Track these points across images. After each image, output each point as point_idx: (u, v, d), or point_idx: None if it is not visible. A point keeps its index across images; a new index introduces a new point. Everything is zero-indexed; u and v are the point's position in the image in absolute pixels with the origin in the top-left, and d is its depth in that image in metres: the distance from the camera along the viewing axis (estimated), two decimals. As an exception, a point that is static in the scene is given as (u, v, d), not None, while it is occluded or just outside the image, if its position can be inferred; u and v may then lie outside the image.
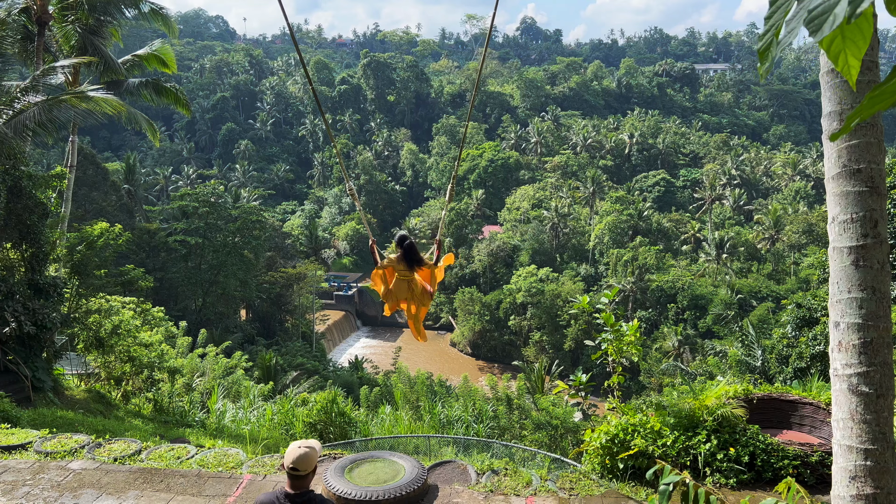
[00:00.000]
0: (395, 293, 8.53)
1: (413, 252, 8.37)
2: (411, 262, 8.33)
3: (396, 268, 8.31)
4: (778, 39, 1.80)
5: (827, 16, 1.54)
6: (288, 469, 4.14)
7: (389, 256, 8.39)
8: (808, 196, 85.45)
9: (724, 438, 7.01)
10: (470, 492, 6.70)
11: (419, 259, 8.47)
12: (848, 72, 1.67)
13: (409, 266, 8.28)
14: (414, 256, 8.35)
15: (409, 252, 8.33)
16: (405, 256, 8.29)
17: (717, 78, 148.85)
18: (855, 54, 1.62)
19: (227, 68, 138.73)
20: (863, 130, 3.76)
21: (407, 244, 8.29)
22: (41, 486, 6.51)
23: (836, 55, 1.64)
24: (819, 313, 20.15)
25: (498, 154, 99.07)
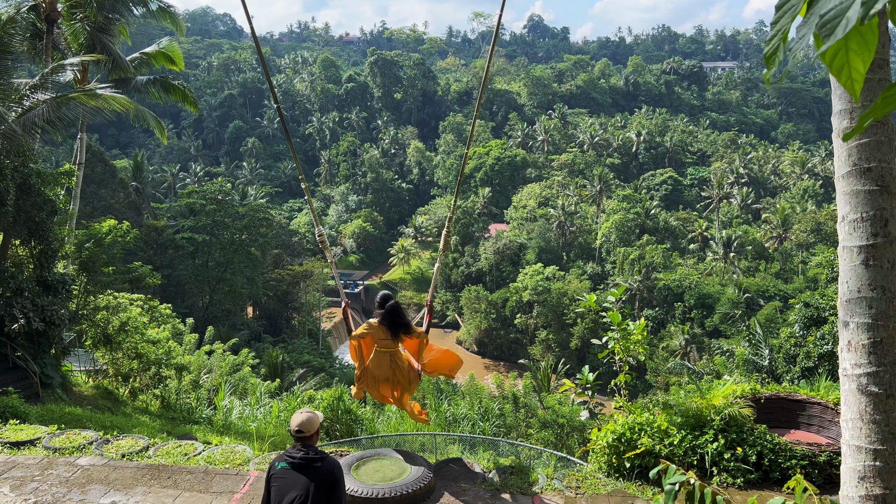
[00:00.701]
0: (374, 372, 6.98)
1: (398, 315, 6.98)
2: (396, 327, 6.94)
3: (377, 336, 6.93)
4: (786, 45, 1.78)
5: (839, 20, 1.51)
6: (294, 432, 4.61)
7: (369, 322, 6.99)
8: (817, 195, 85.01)
9: (732, 438, 6.98)
10: (476, 490, 6.70)
11: (405, 324, 7.02)
12: (851, 86, 1.64)
13: (393, 333, 6.92)
14: (399, 320, 6.96)
15: (393, 315, 6.94)
16: (388, 320, 6.90)
17: (725, 76, 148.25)
18: (858, 67, 1.59)
19: (235, 66, 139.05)
20: (873, 129, 3.74)
21: (391, 305, 6.94)
22: (49, 482, 6.54)
23: (838, 68, 1.61)
24: (827, 312, 20.05)
25: (505, 152, 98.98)
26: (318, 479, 4.36)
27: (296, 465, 4.38)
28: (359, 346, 7.17)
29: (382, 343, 6.95)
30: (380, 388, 7.25)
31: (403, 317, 7.08)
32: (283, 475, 4.38)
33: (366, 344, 7.16)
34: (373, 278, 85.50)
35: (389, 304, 7.02)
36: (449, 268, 77.89)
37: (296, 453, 4.44)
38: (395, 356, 7.04)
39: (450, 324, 76.82)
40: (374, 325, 6.95)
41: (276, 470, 4.44)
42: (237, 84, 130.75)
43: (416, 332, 7.13)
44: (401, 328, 7.02)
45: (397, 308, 7.05)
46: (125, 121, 31.46)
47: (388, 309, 7.01)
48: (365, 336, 7.04)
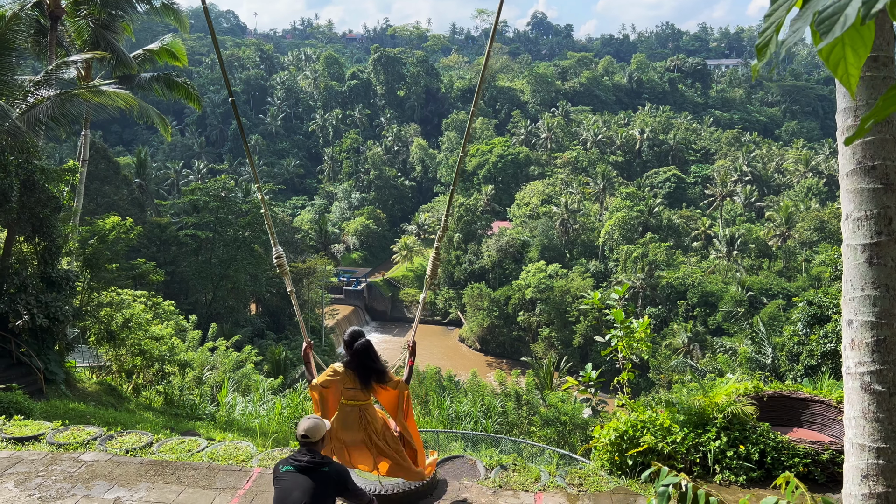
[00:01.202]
0: (341, 434, 5.60)
1: (370, 358, 5.58)
2: (366, 373, 5.53)
3: (343, 385, 5.55)
4: (779, 39, 1.77)
5: (838, 17, 1.50)
6: (300, 437, 4.51)
7: (334, 366, 5.63)
8: (821, 193, 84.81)
9: (734, 436, 6.98)
10: (479, 487, 6.71)
11: (379, 370, 5.62)
12: (847, 81, 1.64)
13: (363, 381, 5.52)
14: (371, 364, 5.57)
15: (362, 358, 5.54)
16: (357, 364, 5.53)
17: (728, 73, 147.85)
18: (854, 63, 1.59)
19: (238, 63, 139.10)
20: (878, 126, 3.73)
21: (360, 345, 5.55)
22: (54, 478, 6.57)
23: (835, 64, 1.61)
24: (830, 311, 20.01)
25: (507, 149, 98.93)
26: (325, 482, 4.37)
27: (301, 468, 4.38)
28: (321, 396, 5.62)
29: (349, 394, 5.54)
30: (352, 457, 5.75)
31: (377, 360, 5.63)
32: (286, 477, 4.39)
33: (331, 395, 5.60)
34: (375, 275, 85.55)
35: (359, 344, 5.56)
36: (452, 265, 77.90)
37: (301, 457, 4.44)
38: (365, 413, 5.58)
39: (452, 321, 76.85)
40: (340, 371, 5.52)
41: (280, 472, 4.45)
42: (240, 81, 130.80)
43: (394, 381, 5.70)
44: (373, 375, 5.55)
45: (368, 349, 5.59)
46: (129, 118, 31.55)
47: (356, 350, 5.54)
48: (329, 385, 5.53)
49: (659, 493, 2.21)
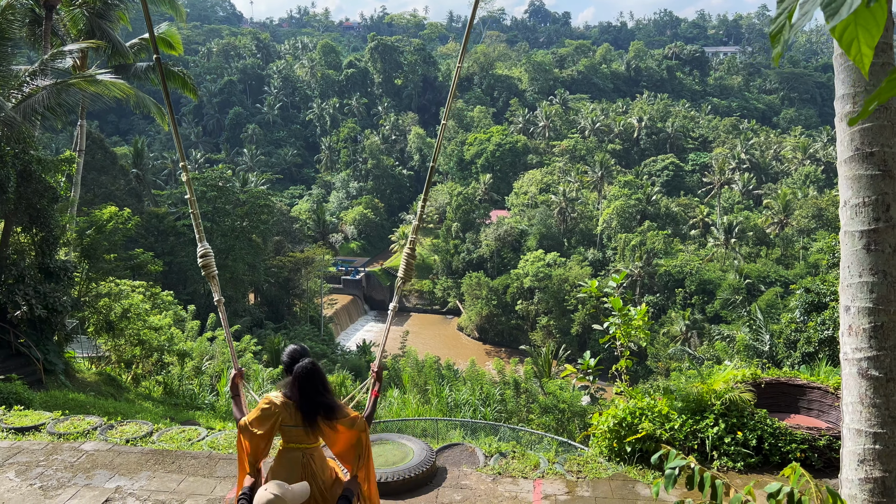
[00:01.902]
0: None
1: (314, 386, 4.05)
2: (312, 407, 4.04)
3: (281, 422, 4.11)
4: (791, 23, 1.78)
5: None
6: None
7: (270, 397, 4.15)
8: (818, 180, 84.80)
9: (732, 422, 7.02)
10: (478, 474, 6.75)
11: (328, 404, 4.09)
12: (861, 60, 1.64)
13: (308, 419, 4.05)
14: (317, 396, 4.05)
15: (304, 386, 4.04)
16: (298, 395, 4.05)
17: (727, 61, 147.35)
18: (868, 42, 1.59)
19: (235, 52, 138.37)
20: (876, 113, 3.73)
21: (302, 369, 4.05)
22: (55, 467, 6.60)
23: (848, 43, 1.61)
24: (828, 298, 20.06)
25: (506, 138, 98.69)
26: None
27: None
28: (251, 444, 4.17)
29: (290, 434, 4.13)
30: None
31: (326, 389, 4.12)
32: None
33: (264, 438, 4.15)
34: (374, 265, 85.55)
35: (300, 367, 4.09)
36: (450, 254, 77.92)
37: None
38: (311, 458, 4.17)
39: (451, 310, 76.97)
40: (278, 404, 4.07)
41: None
42: (237, 70, 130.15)
43: (350, 417, 4.15)
44: (320, 409, 4.06)
45: (313, 373, 4.07)
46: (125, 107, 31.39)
47: (296, 374, 4.07)
48: (263, 424, 4.09)
49: (667, 475, 2.23)
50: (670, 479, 2.28)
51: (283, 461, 4.17)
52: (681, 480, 6.64)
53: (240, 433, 4.22)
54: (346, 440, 4.21)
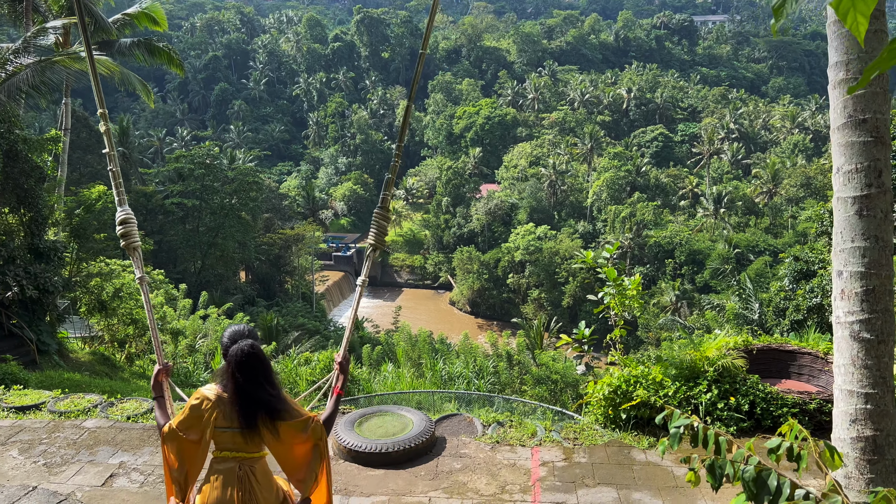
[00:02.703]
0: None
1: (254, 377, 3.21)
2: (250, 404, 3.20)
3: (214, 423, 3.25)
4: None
5: None
6: None
7: (202, 393, 3.30)
8: (807, 149, 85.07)
9: (725, 388, 7.16)
10: (477, 443, 6.87)
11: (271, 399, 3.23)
12: (857, 29, 1.67)
13: (246, 419, 3.21)
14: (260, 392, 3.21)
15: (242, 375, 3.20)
16: (235, 386, 3.21)
17: (715, 30, 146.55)
18: (864, 11, 1.62)
19: (219, 26, 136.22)
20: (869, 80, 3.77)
21: (240, 352, 3.20)
22: (58, 444, 6.66)
23: (844, 12, 1.64)
24: (816, 266, 20.28)
25: (495, 111, 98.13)
26: None
27: None
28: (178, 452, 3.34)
29: (224, 439, 3.30)
30: None
31: (268, 380, 3.27)
32: None
33: (196, 445, 3.31)
34: (365, 241, 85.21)
35: (236, 349, 3.23)
36: (441, 229, 77.91)
37: None
38: (251, 471, 3.31)
39: (442, 285, 77.19)
40: (213, 399, 3.26)
41: None
42: (221, 45, 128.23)
43: (303, 419, 3.32)
44: (261, 407, 3.22)
45: (253, 357, 3.24)
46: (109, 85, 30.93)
47: (231, 359, 3.23)
48: (192, 426, 3.28)
49: (672, 433, 2.31)
50: (675, 437, 2.36)
51: (215, 475, 3.27)
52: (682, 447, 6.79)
53: (163, 443, 3.33)
54: (296, 450, 3.32)
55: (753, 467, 2.12)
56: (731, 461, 2.18)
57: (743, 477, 2.09)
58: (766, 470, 2.11)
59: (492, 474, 6.22)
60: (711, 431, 2.26)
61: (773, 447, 2.18)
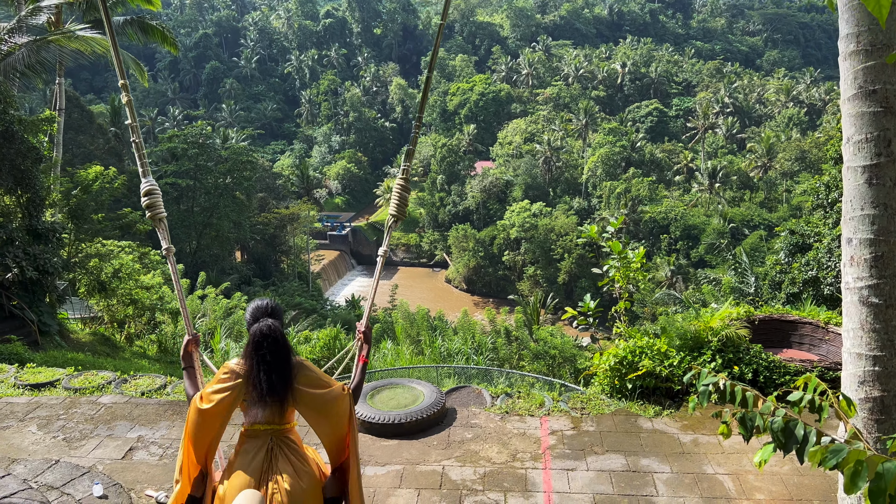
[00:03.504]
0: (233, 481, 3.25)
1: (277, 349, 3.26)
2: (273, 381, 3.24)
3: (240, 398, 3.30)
4: None
5: None
6: None
7: (229, 367, 3.33)
8: (801, 122, 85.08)
9: (729, 357, 7.31)
10: (487, 413, 7.01)
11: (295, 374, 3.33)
12: (879, 11, 1.73)
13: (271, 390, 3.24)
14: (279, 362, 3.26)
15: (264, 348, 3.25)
16: (259, 361, 3.24)
17: (710, 3, 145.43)
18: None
19: (209, 3, 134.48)
20: (879, 52, 3.84)
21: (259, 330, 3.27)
22: (76, 420, 6.77)
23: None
24: (812, 239, 20.45)
25: (489, 87, 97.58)
26: None
27: None
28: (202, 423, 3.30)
29: (251, 414, 3.39)
30: None
31: (287, 356, 3.33)
32: None
33: (220, 418, 3.32)
34: (360, 220, 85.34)
35: (256, 328, 3.31)
36: (436, 207, 77.84)
37: None
38: (281, 442, 3.36)
39: (438, 263, 77.36)
40: (239, 373, 3.31)
41: None
42: (212, 23, 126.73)
43: (329, 389, 3.40)
44: (282, 381, 3.29)
45: (273, 336, 3.31)
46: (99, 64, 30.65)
47: (253, 334, 3.31)
48: (221, 400, 3.28)
49: (700, 391, 2.42)
50: (704, 394, 2.47)
51: (244, 448, 3.34)
52: (689, 416, 6.94)
53: (190, 413, 3.31)
54: (325, 419, 3.38)
55: (781, 418, 2.23)
56: (760, 413, 2.29)
57: (772, 427, 2.21)
58: (792, 420, 2.23)
59: (503, 443, 6.36)
60: (738, 388, 2.37)
61: (795, 400, 2.29)
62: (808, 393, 2.39)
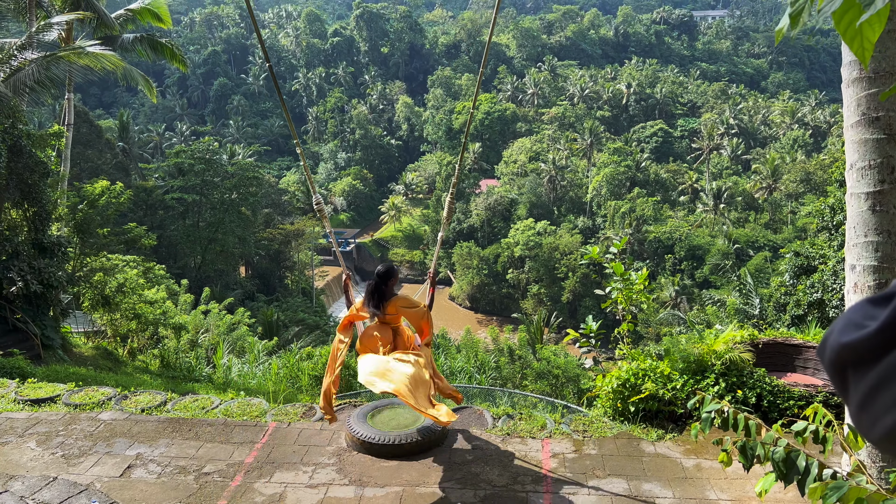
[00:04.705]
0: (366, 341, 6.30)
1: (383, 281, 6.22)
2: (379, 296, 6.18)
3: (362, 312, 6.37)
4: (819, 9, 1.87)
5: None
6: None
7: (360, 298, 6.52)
8: (806, 144, 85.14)
9: (732, 381, 7.25)
10: (488, 435, 6.96)
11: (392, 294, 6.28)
12: (862, 55, 1.73)
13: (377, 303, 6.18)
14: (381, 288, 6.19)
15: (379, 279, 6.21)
16: (374, 287, 6.17)
17: (715, 25, 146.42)
18: (870, 37, 1.68)
19: (218, 21, 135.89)
20: (882, 79, 3.84)
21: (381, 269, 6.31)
22: (75, 436, 6.74)
23: (851, 38, 1.71)
24: (817, 261, 20.39)
25: (494, 106, 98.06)
26: None
27: None
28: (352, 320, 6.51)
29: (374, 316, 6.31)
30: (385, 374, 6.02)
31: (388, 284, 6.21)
32: None
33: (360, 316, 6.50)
34: (364, 236, 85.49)
35: (380, 267, 6.33)
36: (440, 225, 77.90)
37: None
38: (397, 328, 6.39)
39: (442, 280, 77.29)
40: (360, 305, 6.36)
41: None
42: (221, 41, 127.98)
43: (417, 305, 6.31)
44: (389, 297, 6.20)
45: (386, 273, 6.24)
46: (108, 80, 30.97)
47: (376, 273, 6.22)
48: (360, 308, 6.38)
49: (703, 418, 2.40)
50: (707, 421, 2.45)
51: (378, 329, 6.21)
52: (689, 441, 6.88)
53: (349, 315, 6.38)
54: (416, 319, 6.24)
55: (783, 448, 2.20)
56: (762, 443, 2.26)
57: (773, 457, 2.18)
58: (794, 451, 2.20)
59: (504, 465, 6.31)
60: (742, 416, 2.35)
61: (799, 430, 2.26)
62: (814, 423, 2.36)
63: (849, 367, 0.82)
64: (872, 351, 0.78)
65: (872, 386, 0.78)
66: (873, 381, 0.78)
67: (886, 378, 0.76)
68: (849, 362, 0.82)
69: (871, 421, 0.78)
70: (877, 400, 0.77)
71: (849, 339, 0.81)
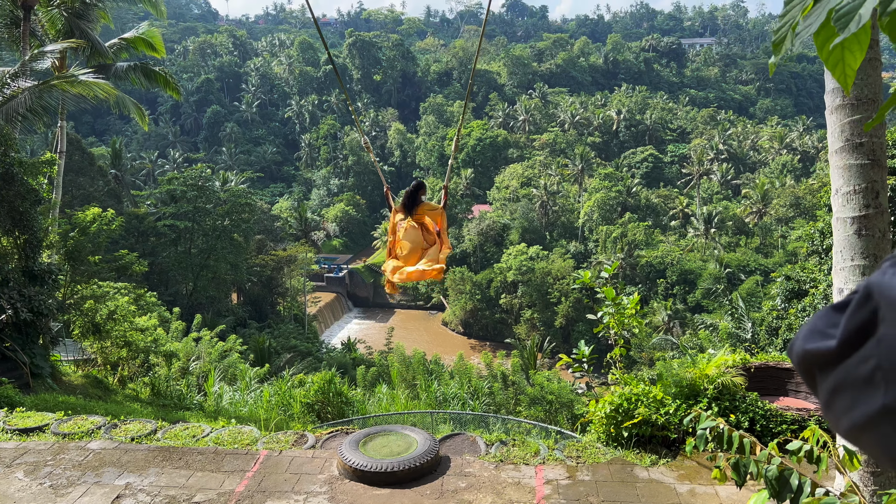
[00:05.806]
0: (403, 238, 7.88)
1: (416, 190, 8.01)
2: (411, 203, 7.95)
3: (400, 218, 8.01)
4: (795, 33, 1.93)
5: (852, 15, 1.65)
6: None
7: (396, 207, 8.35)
8: (795, 169, 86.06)
9: (725, 406, 7.25)
10: (481, 462, 6.92)
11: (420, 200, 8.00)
12: (844, 81, 1.78)
13: (408, 209, 7.91)
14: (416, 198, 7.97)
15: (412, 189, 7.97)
16: (406, 198, 7.94)
17: (703, 52, 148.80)
18: (852, 63, 1.73)
19: (211, 50, 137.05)
20: (864, 105, 3.92)
21: (411, 184, 8.10)
22: (63, 466, 6.65)
23: (833, 64, 1.76)
24: (808, 285, 20.50)
25: (486, 133, 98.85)
26: None
27: None
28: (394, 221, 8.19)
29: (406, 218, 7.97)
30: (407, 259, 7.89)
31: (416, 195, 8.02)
32: None
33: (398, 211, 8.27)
34: (357, 262, 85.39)
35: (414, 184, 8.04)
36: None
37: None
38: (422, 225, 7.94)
39: (435, 306, 77.13)
40: (396, 209, 8.12)
41: None
42: (214, 68, 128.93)
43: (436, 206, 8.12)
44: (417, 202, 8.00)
45: (417, 187, 8.05)
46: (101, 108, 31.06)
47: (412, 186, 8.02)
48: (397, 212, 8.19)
49: (698, 435, 2.41)
50: (701, 439, 2.45)
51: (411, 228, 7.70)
52: (684, 463, 6.86)
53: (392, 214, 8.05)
54: (436, 216, 7.90)
55: (776, 466, 2.21)
56: (755, 460, 2.27)
57: (766, 475, 2.19)
58: (787, 469, 2.21)
59: (497, 493, 6.26)
60: (736, 434, 2.36)
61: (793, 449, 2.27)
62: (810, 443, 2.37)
63: (815, 368, 0.92)
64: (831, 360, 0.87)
65: (831, 389, 0.88)
66: (831, 386, 0.88)
67: (841, 384, 0.85)
68: (814, 365, 0.91)
69: (834, 420, 0.88)
70: (836, 402, 0.87)
71: (812, 346, 0.91)
